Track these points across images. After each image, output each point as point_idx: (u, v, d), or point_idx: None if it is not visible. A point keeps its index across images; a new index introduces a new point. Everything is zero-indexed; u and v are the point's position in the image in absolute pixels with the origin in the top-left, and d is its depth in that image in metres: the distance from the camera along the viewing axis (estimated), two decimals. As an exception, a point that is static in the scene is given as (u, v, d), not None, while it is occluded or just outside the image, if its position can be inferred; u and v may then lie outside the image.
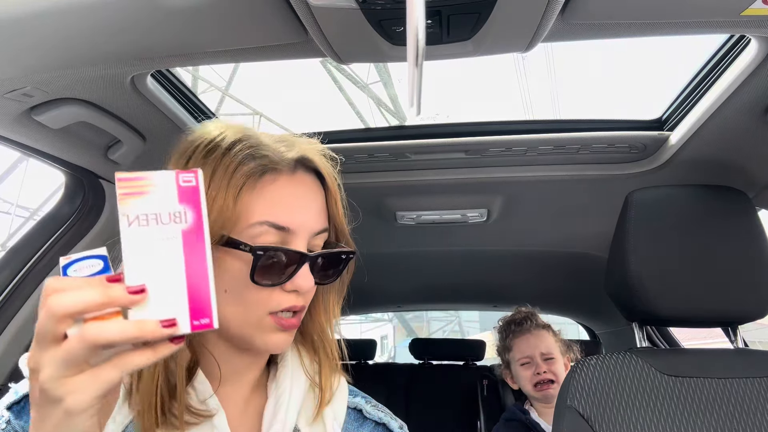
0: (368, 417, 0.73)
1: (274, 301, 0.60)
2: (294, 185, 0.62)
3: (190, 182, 0.46)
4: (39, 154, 1.08)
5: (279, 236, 0.59)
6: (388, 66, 10.84)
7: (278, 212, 0.59)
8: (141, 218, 0.44)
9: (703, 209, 1.01)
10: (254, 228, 0.58)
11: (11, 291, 1.14)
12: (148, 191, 0.45)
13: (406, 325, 19.13)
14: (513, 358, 1.80)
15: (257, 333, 0.61)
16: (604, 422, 0.93)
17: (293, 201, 0.61)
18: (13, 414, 0.56)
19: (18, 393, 0.58)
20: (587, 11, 0.72)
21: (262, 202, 0.59)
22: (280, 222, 0.59)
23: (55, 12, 0.67)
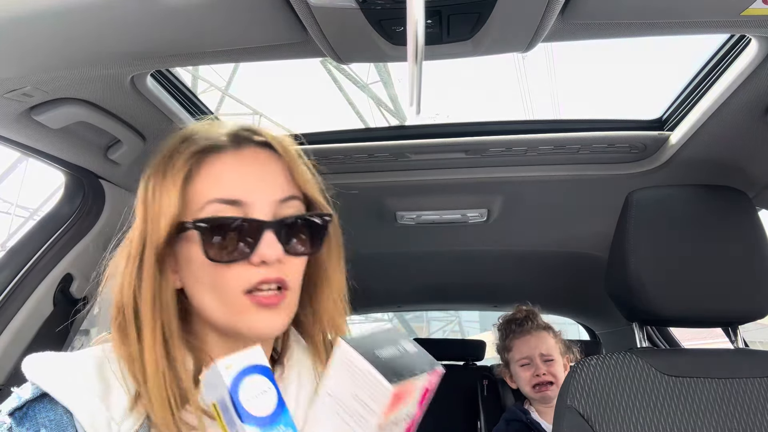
0: None
1: (243, 278, 0.57)
2: (240, 158, 0.61)
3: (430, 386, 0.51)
4: (39, 154, 1.08)
5: (235, 211, 0.58)
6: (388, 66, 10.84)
7: (225, 187, 0.58)
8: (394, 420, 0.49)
9: (703, 209, 1.01)
10: (206, 208, 0.58)
11: (11, 291, 1.14)
12: (410, 397, 0.51)
13: (406, 325, 19.12)
14: (512, 358, 1.80)
15: (239, 317, 0.58)
16: (604, 422, 0.93)
17: (240, 173, 0.60)
18: (15, 420, 0.55)
19: (21, 398, 0.56)
20: (587, 11, 0.72)
21: (208, 180, 0.59)
22: (228, 196, 0.58)
23: (56, 12, 0.67)
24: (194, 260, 0.58)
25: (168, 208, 0.57)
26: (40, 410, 0.55)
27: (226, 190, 0.58)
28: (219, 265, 0.57)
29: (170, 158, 0.60)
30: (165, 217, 0.58)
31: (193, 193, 0.59)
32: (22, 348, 1.15)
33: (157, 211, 0.58)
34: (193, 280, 0.60)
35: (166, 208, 0.58)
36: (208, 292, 0.59)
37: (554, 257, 1.94)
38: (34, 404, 0.55)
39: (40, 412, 0.55)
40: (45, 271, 1.19)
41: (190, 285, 0.61)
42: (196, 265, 0.59)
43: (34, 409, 0.55)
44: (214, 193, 0.58)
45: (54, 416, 0.55)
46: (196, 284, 0.60)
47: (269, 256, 0.57)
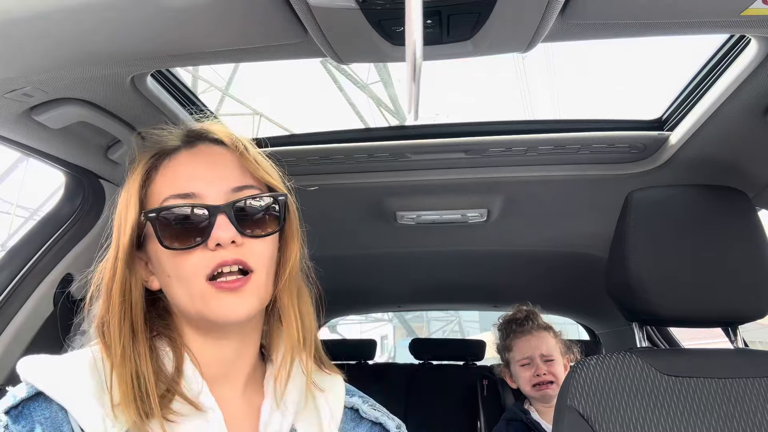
0: (365, 417, 0.72)
1: (202, 263, 0.59)
2: (193, 156, 0.65)
3: None
4: (39, 154, 1.08)
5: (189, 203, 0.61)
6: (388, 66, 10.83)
7: (179, 183, 0.62)
8: None
9: (703, 209, 1.01)
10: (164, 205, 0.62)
11: (11, 291, 1.14)
12: None
13: (406, 325, 19.13)
14: (513, 358, 1.80)
15: (204, 304, 0.60)
16: (604, 422, 0.93)
17: (193, 168, 0.64)
18: (11, 418, 0.55)
19: (16, 397, 0.57)
20: (587, 11, 0.72)
21: (164, 180, 0.63)
22: (181, 190, 0.62)
23: (55, 12, 0.67)
24: (157, 254, 0.62)
25: (130, 211, 0.62)
26: (35, 408, 0.56)
27: (179, 186, 0.62)
28: (179, 254, 0.60)
29: (134, 167, 0.66)
30: (128, 220, 0.62)
31: (151, 194, 0.63)
32: (22, 348, 1.15)
33: (123, 216, 0.63)
34: (162, 275, 0.63)
35: (129, 211, 0.62)
36: (175, 284, 0.61)
37: (554, 257, 1.94)
38: (29, 403, 0.56)
39: (35, 410, 0.56)
40: (45, 271, 1.19)
41: (161, 281, 0.64)
42: (159, 258, 0.62)
43: (29, 407, 0.56)
44: (169, 190, 0.62)
45: (49, 414, 0.56)
46: (165, 278, 0.63)
47: (222, 239, 0.59)
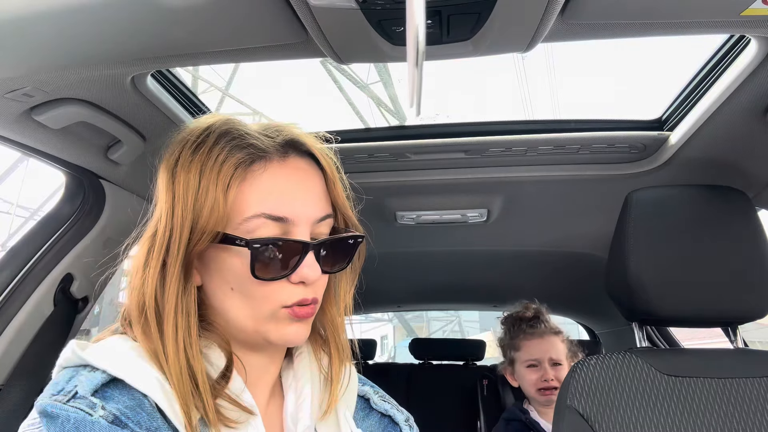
0: (374, 408, 0.73)
1: (283, 294, 0.58)
2: (286, 172, 0.59)
3: None
4: (39, 154, 1.08)
5: (278, 227, 0.57)
6: (388, 66, 10.83)
7: (273, 202, 0.57)
8: None
9: (703, 209, 1.01)
10: (251, 222, 0.56)
11: (11, 291, 1.14)
12: None
13: (406, 325, 19.12)
14: (519, 357, 1.78)
15: (272, 327, 0.59)
16: (604, 422, 0.93)
17: (287, 189, 0.58)
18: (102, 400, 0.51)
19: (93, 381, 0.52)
20: (587, 11, 0.72)
21: (255, 193, 0.57)
22: (276, 213, 0.57)
23: (55, 12, 0.67)
24: (233, 270, 0.57)
25: (211, 215, 0.55)
26: (116, 393, 0.53)
27: (274, 207, 0.57)
28: (255, 282, 0.57)
29: (209, 156, 0.57)
30: (206, 224, 0.55)
31: (237, 202, 0.56)
32: (22, 348, 1.15)
33: (195, 214, 0.56)
34: (224, 286, 0.59)
35: (208, 214, 0.55)
36: (240, 301, 0.58)
37: (554, 257, 1.94)
38: (106, 388, 0.53)
39: (117, 394, 0.52)
40: (45, 271, 1.19)
41: (217, 288, 0.59)
42: (232, 273, 0.58)
43: (108, 392, 0.52)
44: (262, 208, 0.57)
45: (132, 400, 0.52)
46: (226, 289, 0.58)
47: (310, 277, 0.58)
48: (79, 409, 0.49)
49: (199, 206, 0.56)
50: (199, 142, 0.59)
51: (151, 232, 0.59)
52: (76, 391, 0.51)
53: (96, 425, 0.48)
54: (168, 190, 0.59)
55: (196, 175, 0.57)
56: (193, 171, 0.57)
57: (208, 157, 0.57)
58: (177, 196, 0.57)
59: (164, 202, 0.58)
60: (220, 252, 0.57)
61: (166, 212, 0.58)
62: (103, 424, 0.48)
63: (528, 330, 1.79)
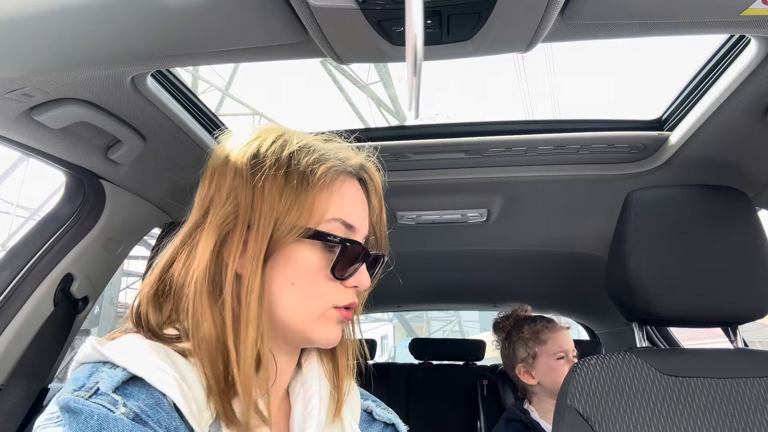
0: (377, 419, 0.74)
1: (337, 296, 0.63)
2: (356, 190, 0.67)
3: None
4: (39, 154, 1.08)
5: (345, 234, 0.63)
6: (388, 66, 10.84)
7: (348, 211, 0.64)
8: None
9: (703, 209, 1.01)
10: (329, 224, 0.62)
11: (11, 291, 1.14)
12: None
13: (406, 325, 19.14)
14: (547, 350, 1.74)
15: (318, 325, 0.62)
16: (604, 422, 0.93)
17: (358, 203, 0.66)
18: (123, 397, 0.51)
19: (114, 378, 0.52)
20: (587, 11, 0.72)
21: (335, 200, 0.63)
22: (349, 220, 0.63)
23: (56, 12, 0.67)
24: (302, 265, 0.61)
25: (301, 212, 0.60)
26: (136, 391, 0.52)
27: (349, 215, 0.63)
28: (324, 278, 0.61)
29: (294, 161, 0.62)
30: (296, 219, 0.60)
31: (321, 205, 0.62)
32: (22, 348, 1.15)
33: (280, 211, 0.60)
34: (285, 281, 0.61)
35: (297, 212, 0.60)
36: (297, 297, 0.61)
37: (554, 257, 1.94)
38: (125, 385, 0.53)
39: (136, 392, 0.52)
40: (45, 270, 1.19)
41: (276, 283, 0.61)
42: (301, 268, 0.61)
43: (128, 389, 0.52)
44: (340, 213, 0.63)
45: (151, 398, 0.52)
46: (287, 286, 0.61)
47: (365, 284, 0.65)
48: (102, 405, 0.49)
49: (287, 204, 0.60)
50: (279, 145, 0.63)
51: (221, 220, 0.60)
52: (98, 387, 0.51)
53: (119, 422, 0.48)
54: (246, 183, 0.61)
55: (283, 175, 0.61)
56: (279, 171, 0.61)
57: (293, 162, 0.62)
58: (258, 191, 0.61)
59: (242, 193, 0.61)
60: (298, 247, 0.61)
61: (245, 205, 0.60)
62: (126, 422, 0.48)
63: (550, 325, 1.78)
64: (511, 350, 1.84)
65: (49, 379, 1.24)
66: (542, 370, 1.75)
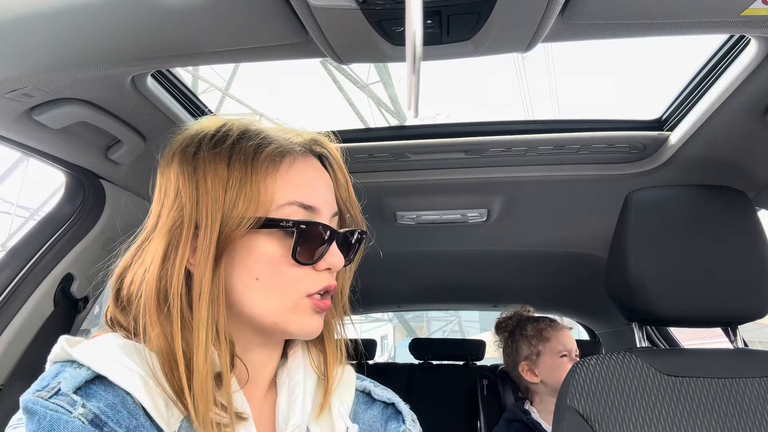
0: (377, 399, 0.73)
1: (309, 281, 0.60)
2: (311, 167, 0.63)
3: None
4: (39, 154, 1.08)
5: (305, 216, 0.60)
6: (388, 66, 10.83)
7: (304, 192, 0.60)
8: None
9: (703, 209, 1.01)
10: (284, 209, 0.59)
11: (11, 291, 1.14)
12: None
13: (406, 325, 19.13)
14: (552, 349, 1.75)
15: (294, 317, 0.60)
16: (603, 422, 0.93)
17: (314, 182, 0.62)
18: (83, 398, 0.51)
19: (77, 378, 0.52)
20: (587, 11, 0.72)
21: (287, 183, 0.60)
22: (307, 201, 0.60)
23: (55, 12, 0.67)
24: (264, 257, 0.58)
25: (249, 204, 0.57)
26: (98, 390, 0.52)
27: (305, 196, 0.60)
28: (289, 266, 0.59)
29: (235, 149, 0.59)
30: (244, 211, 0.57)
31: (270, 191, 0.59)
32: (22, 348, 1.15)
33: (227, 204, 0.57)
34: (247, 277, 0.59)
35: (244, 203, 0.57)
36: (265, 291, 0.59)
37: (554, 257, 1.94)
38: (90, 384, 0.53)
39: (100, 391, 0.52)
40: (45, 270, 1.19)
41: (238, 280, 0.59)
42: (263, 260, 0.58)
43: (92, 389, 0.52)
44: (294, 196, 0.60)
45: (113, 396, 0.52)
46: (251, 282, 0.59)
47: (337, 264, 0.61)
48: (60, 406, 0.49)
49: (232, 196, 0.57)
50: (220, 137, 0.61)
51: (170, 224, 0.59)
52: (60, 387, 0.51)
53: (70, 424, 0.48)
54: (189, 181, 0.59)
55: (224, 167, 0.58)
56: (220, 163, 0.59)
57: (235, 151, 0.59)
58: (202, 187, 0.58)
59: (186, 193, 0.59)
60: (254, 239, 0.58)
61: (190, 203, 0.59)
62: (77, 425, 0.48)
63: (554, 324, 1.80)
64: (514, 348, 1.85)
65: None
66: (545, 368, 1.75)
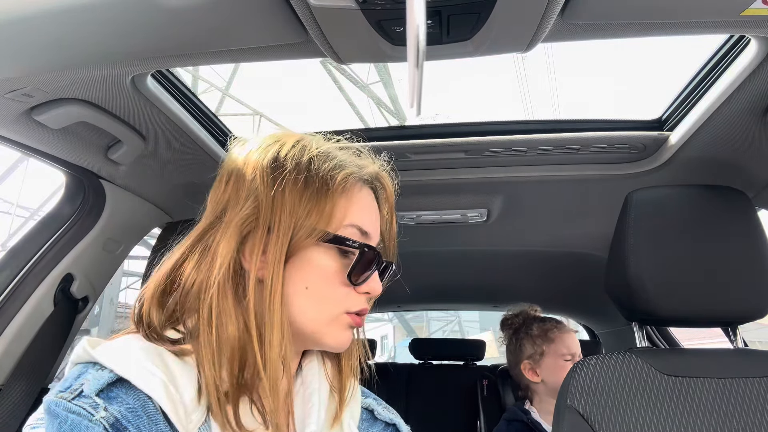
0: (379, 418, 0.74)
1: (350, 301, 0.63)
2: (371, 198, 0.69)
3: None
4: (39, 154, 1.08)
5: (363, 240, 0.64)
6: (388, 66, 10.84)
7: (364, 218, 0.65)
8: None
9: (703, 209, 1.01)
10: (346, 229, 0.63)
11: (11, 291, 1.14)
12: None
13: (406, 325, 19.15)
14: (555, 350, 1.75)
15: (330, 330, 0.63)
16: (604, 422, 0.93)
17: (372, 210, 0.68)
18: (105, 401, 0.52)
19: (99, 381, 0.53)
20: (587, 11, 0.72)
21: (352, 206, 0.64)
22: (364, 227, 0.64)
23: (55, 12, 0.67)
24: (318, 269, 0.62)
25: (320, 215, 0.61)
26: (121, 393, 0.53)
27: (364, 222, 0.65)
28: (339, 283, 0.62)
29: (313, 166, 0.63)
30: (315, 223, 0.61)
31: (339, 211, 0.63)
32: (22, 348, 1.15)
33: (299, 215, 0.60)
34: (299, 284, 0.61)
35: (318, 214, 0.61)
36: (310, 301, 0.62)
37: (554, 257, 1.94)
38: (112, 387, 0.53)
39: (121, 394, 0.53)
40: (46, 270, 1.19)
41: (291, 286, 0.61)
42: (316, 272, 0.62)
43: (114, 392, 0.53)
44: (357, 220, 0.64)
45: (136, 400, 0.53)
46: (301, 290, 0.61)
47: (377, 291, 0.66)
48: (83, 408, 0.50)
49: (306, 208, 0.61)
50: (300, 151, 0.64)
51: (243, 220, 0.61)
52: (82, 389, 0.52)
53: (91, 430, 0.49)
54: (266, 189, 0.62)
55: (303, 180, 0.62)
56: (300, 176, 0.62)
57: (313, 166, 0.63)
58: (279, 195, 0.61)
59: (263, 196, 0.61)
60: (316, 251, 0.62)
61: (265, 208, 0.61)
62: (98, 430, 0.49)
63: (560, 326, 1.79)
64: (518, 346, 1.84)
65: (49, 379, 1.24)
66: (548, 369, 1.75)
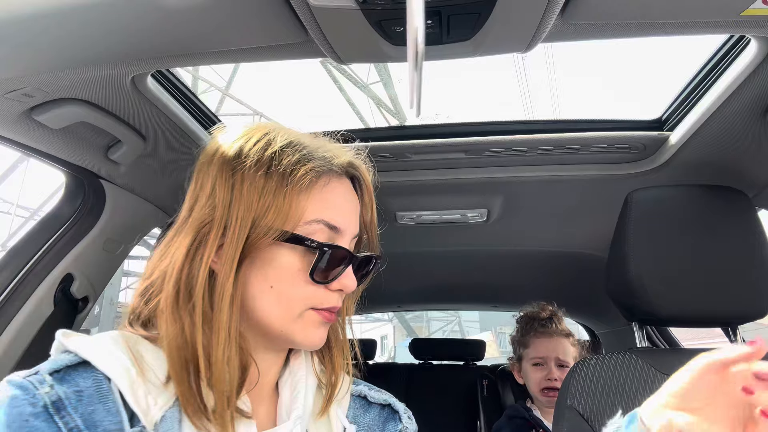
0: (373, 401, 0.75)
1: (318, 299, 0.62)
2: (343, 189, 0.65)
3: None
4: (39, 154, 1.08)
5: (329, 236, 0.62)
6: (388, 66, 10.84)
7: (332, 213, 0.62)
8: None
9: (703, 209, 1.01)
10: (309, 225, 0.61)
11: (11, 291, 1.14)
12: None
13: (406, 325, 19.14)
14: (527, 354, 1.78)
15: (298, 327, 0.62)
16: (604, 422, 0.93)
17: (343, 203, 0.64)
18: (56, 380, 0.53)
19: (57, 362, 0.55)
20: (587, 11, 0.72)
21: (317, 202, 0.62)
22: (333, 222, 0.62)
23: (56, 12, 0.67)
24: (281, 268, 0.60)
25: (277, 215, 0.59)
26: (77, 375, 0.54)
27: (332, 217, 0.62)
28: (304, 282, 0.60)
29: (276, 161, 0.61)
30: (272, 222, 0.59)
31: (301, 207, 0.60)
32: (22, 348, 1.15)
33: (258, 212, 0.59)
34: (263, 284, 0.60)
35: (274, 214, 0.59)
36: (276, 300, 0.60)
37: (554, 257, 1.94)
38: (71, 370, 0.55)
39: (77, 376, 0.54)
40: (46, 270, 1.19)
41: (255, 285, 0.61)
42: (280, 271, 0.60)
43: (71, 374, 0.54)
44: (323, 215, 0.61)
45: (92, 381, 0.54)
46: (264, 285, 0.60)
47: (350, 287, 0.63)
48: (31, 383, 0.52)
49: (264, 205, 0.59)
50: (263, 145, 0.62)
51: (200, 221, 0.60)
52: (39, 369, 0.53)
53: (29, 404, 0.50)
54: (226, 183, 0.61)
55: (262, 176, 0.60)
56: (259, 171, 0.60)
57: (275, 162, 0.61)
58: (237, 191, 0.60)
59: (220, 194, 0.60)
60: (277, 250, 0.60)
61: (222, 204, 0.60)
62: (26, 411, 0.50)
63: (539, 329, 1.79)
64: (513, 347, 1.87)
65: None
66: (524, 372, 1.79)
